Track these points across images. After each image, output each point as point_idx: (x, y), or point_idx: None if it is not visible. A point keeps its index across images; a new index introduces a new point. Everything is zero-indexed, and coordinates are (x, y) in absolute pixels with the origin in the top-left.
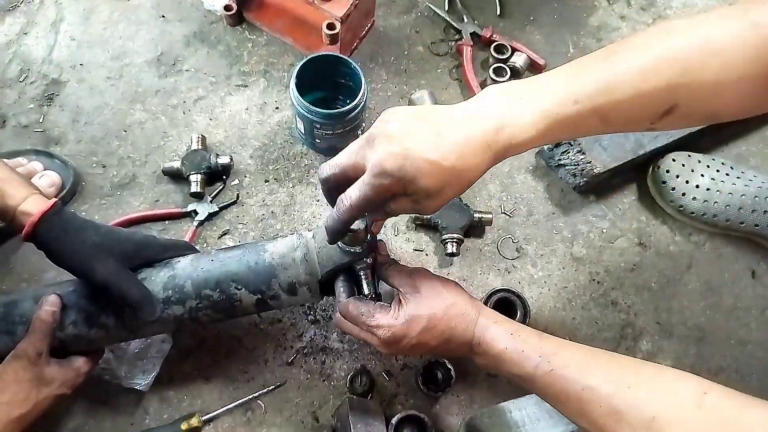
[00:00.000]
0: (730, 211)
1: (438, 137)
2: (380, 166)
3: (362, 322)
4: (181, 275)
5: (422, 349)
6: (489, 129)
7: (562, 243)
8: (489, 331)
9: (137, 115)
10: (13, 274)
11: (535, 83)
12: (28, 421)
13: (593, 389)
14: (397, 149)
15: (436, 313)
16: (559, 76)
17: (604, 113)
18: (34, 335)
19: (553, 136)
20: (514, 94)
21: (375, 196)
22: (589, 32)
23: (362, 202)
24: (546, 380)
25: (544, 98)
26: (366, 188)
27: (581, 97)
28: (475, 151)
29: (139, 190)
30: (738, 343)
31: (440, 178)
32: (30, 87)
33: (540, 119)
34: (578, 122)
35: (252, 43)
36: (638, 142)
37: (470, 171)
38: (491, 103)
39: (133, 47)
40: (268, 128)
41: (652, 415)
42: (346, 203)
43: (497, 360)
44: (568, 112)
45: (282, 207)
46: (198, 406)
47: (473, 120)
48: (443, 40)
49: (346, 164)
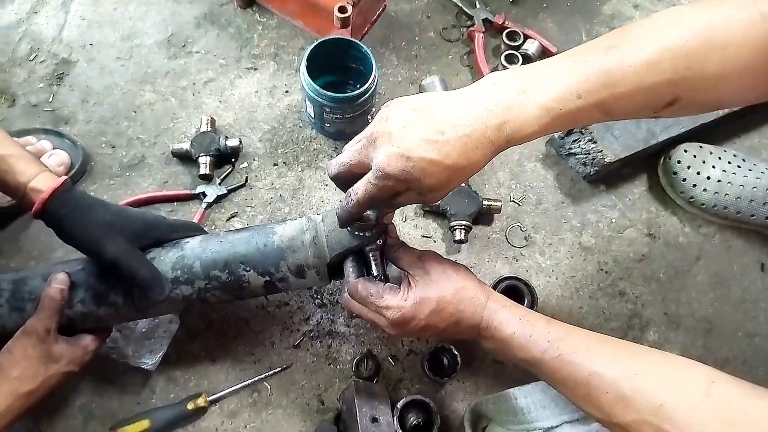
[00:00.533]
0: (741, 203)
1: (440, 135)
2: (383, 169)
3: (371, 302)
4: (189, 256)
5: (430, 332)
6: (492, 124)
7: (571, 232)
8: (497, 315)
9: (147, 96)
10: (23, 252)
11: (538, 73)
12: (36, 396)
13: (601, 375)
14: (398, 150)
15: (446, 296)
16: (561, 66)
17: (606, 106)
18: (43, 312)
19: (554, 128)
20: (517, 85)
21: (380, 195)
22: (602, 21)
23: (368, 200)
24: (553, 365)
25: (547, 92)
26: (371, 188)
27: (584, 92)
28: (477, 146)
29: (148, 171)
30: (746, 335)
31: (443, 176)
32: (40, 66)
33: (543, 114)
34: (580, 115)
35: (262, 25)
36: (650, 131)
37: (472, 166)
38: (495, 93)
39: (144, 28)
40: (278, 112)
41: (659, 402)
42: (353, 198)
43: (505, 344)
44: (571, 106)
45: (290, 191)
46: (204, 386)
47: (476, 115)
48: (455, 26)
49: (351, 163)
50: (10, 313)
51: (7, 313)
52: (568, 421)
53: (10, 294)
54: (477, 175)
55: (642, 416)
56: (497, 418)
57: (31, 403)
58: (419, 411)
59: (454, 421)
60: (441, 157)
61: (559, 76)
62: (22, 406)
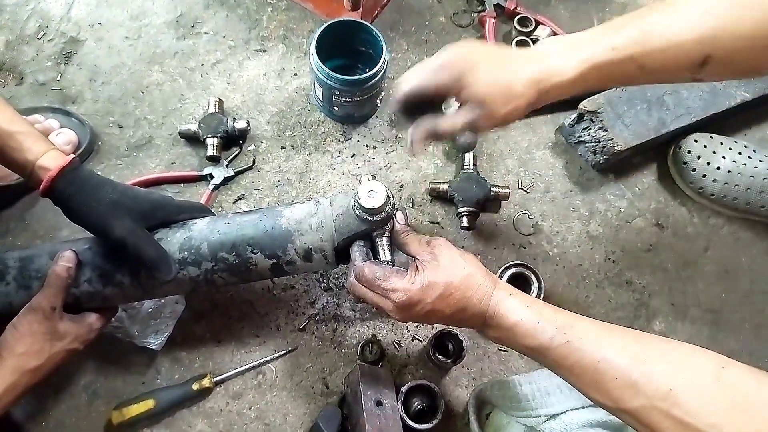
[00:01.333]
0: (751, 194)
1: (501, 61)
2: (441, 57)
3: (377, 285)
4: (197, 237)
5: (435, 317)
6: (541, 69)
7: (579, 221)
8: (504, 303)
9: (155, 77)
10: (29, 231)
11: (582, 35)
12: (41, 373)
13: (609, 361)
14: (460, 50)
15: (453, 281)
16: (602, 29)
17: (640, 61)
18: (49, 290)
19: (591, 80)
20: (564, 45)
21: (429, 85)
22: (614, 9)
23: (416, 88)
24: (561, 352)
25: (586, 46)
26: (423, 74)
27: (618, 44)
28: (524, 79)
29: (155, 151)
30: (753, 327)
31: (493, 91)
32: (48, 45)
33: (580, 63)
34: (615, 68)
35: (272, 7)
36: (661, 120)
37: (517, 96)
38: (546, 50)
39: (152, 8)
40: (286, 94)
41: (669, 387)
42: (402, 86)
43: (511, 332)
44: (605, 57)
45: (297, 174)
46: (209, 367)
47: (528, 59)
48: (466, 11)
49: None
50: (17, 290)
51: (14, 291)
52: (572, 408)
53: (17, 271)
54: (485, 161)
55: (651, 401)
56: (501, 404)
57: (37, 379)
58: (424, 396)
59: (458, 406)
60: (496, 70)
61: (598, 35)
62: (28, 382)
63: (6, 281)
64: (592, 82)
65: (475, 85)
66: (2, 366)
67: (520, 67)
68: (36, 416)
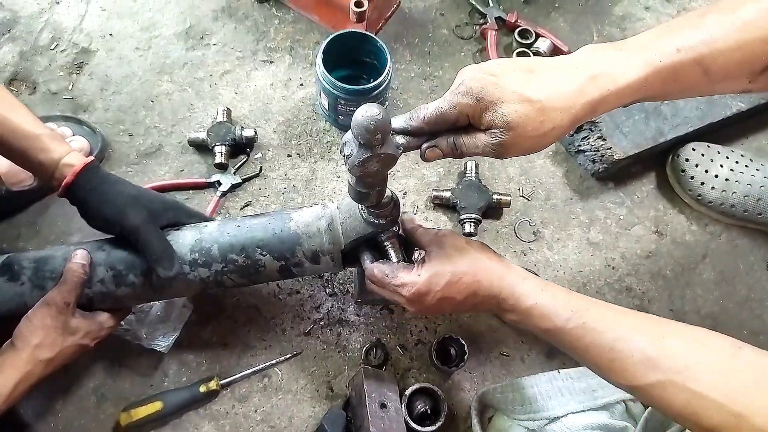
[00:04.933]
0: (748, 201)
1: (530, 74)
2: (464, 84)
3: (387, 283)
4: (207, 239)
5: (449, 305)
6: (584, 75)
7: (579, 228)
8: (519, 286)
9: (164, 86)
10: (40, 236)
11: (631, 40)
12: (53, 365)
13: (626, 340)
14: (484, 75)
15: (461, 267)
16: (655, 32)
17: (705, 64)
18: (64, 285)
19: (655, 85)
20: (611, 49)
21: (450, 113)
22: (613, 21)
23: (436, 115)
24: (577, 333)
25: (645, 48)
26: (444, 103)
27: (683, 46)
28: (565, 91)
29: (164, 159)
30: (750, 333)
31: (523, 111)
32: (60, 55)
33: (643, 65)
34: (680, 71)
35: (279, 19)
36: (659, 130)
37: (557, 111)
38: (586, 56)
39: (162, 19)
40: (292, 104)
41: (686, 363)
42: (420, 113)
43: (527, 315)
44: (670, 60)
45: (303, 181)
46: (216, 370)
47: (568, 67)
48: (468, 24)
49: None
50: (32, 290)
51: (29, 291)
52: (573, 411)
53: (32, 272)
54: (487, 169)
55: (667, 376)
56: (503, 408)
57: (49, 370)
58: (427, 399)
59: (461, 410)
60: (526, 91)
61: (655, 38)
62: (41, 373)
63: (21, 281)
64: (651, 90)
65: (499, 105)
66: (18, 356)
67: (560, 76)
68: (45, 417)
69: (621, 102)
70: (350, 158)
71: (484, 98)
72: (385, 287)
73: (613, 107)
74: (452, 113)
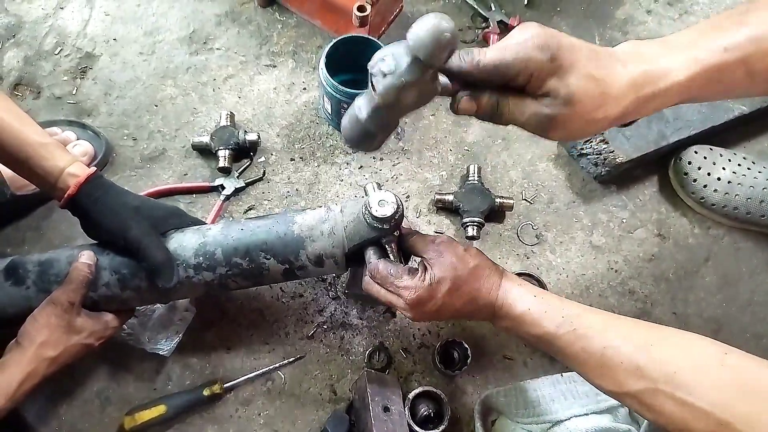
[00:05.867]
0: (751, 203)
1: (594, 53)
2: (538, 37)
3: (390, 282)
4: (211, 243)
5: (447, 311)
6: (636, 70)
7: (582, 231)
8: (512, 292)
9: (168, 91)
10: (44, 241)
11: (672, 38)
12: (58, 363)
13: (615, 348)
14: (557, 34)
15: (461, 275)
16: (698, 30)
17: (751, 64)
18: (69, 285)
19: (701, 85)
20: (656, 46)
21: (515, 66)
22: (615, 25)
23: (495, 63)
24: (567, 339)
25: (691, 47)
26: (508, 53)
27: (730, 45)
28: (621, 81)
29: (168, 163)
30: (753, 336)
31: (589, 88)
32: (65, 60)
33: (691, 64)
34: (725, 72)
35: (282, 24)
36: (661, 133)
37: (613, 100)
38: (633, 49)
39: (166, 24)
40: (295, 108)
41: (673, 370)
42: (474, 56)
43: (519, 321)
44: (717, 59)
45: (306, 185)
46: (219, 374)
47: (618, 59)
48: (470, 28)
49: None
50: (38, 294)
51: (34, 295)
52: (576, 414)
53: (36, 276)
54: (490, 173)
55: (655, 384)
56: (506, 411)
57: (53, 368)
58: (430, 402)
59: (464, 413)
60: (589, 65)
61: (700, 36)
62: (45, 371)
63: (26, 285)
64: (695, 91)
65: (570, 74)
66: (23, 354)
67: (616, 66)
68: (49, 421)
69: (664, 103)
70: (392, 75)
71: (558, 59)
72: (386, 286)
73: (653, 110)
74: (516, 67)
